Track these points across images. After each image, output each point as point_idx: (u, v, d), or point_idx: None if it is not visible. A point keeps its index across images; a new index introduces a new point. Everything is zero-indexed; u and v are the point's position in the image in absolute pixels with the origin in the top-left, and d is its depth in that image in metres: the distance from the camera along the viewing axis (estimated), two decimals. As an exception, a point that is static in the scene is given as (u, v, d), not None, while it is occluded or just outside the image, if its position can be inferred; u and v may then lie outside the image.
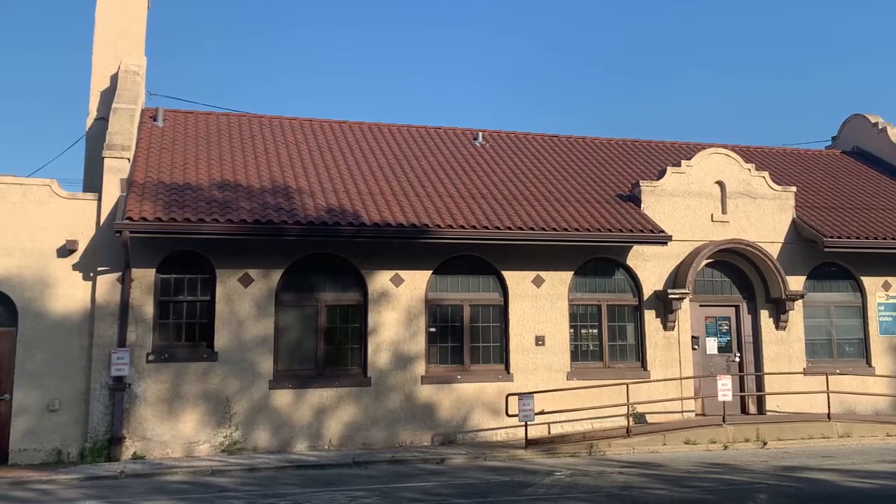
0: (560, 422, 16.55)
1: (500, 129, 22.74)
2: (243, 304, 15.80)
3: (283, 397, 15.76)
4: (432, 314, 17.00)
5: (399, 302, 16.64)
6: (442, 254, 16.95)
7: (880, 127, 25.27)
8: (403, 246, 16.51)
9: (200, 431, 15.29)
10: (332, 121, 21.37)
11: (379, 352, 16.38)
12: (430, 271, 16.95)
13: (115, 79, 18.37)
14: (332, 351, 16.37)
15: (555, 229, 16.89)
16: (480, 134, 22.06)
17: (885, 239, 19.07)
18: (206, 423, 15.33)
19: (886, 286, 19.83)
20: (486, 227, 16.49)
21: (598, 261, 18.10)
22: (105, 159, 15.86)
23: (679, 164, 19.23)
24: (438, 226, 16.23)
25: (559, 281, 17.69)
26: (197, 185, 16.41)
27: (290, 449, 15.60)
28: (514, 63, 71.40)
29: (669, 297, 17.84)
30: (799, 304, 18.92)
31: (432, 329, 16.93)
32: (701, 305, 18.76)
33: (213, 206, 15.56)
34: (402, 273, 16.73)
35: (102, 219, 15.54)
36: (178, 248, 15.65)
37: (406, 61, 72.10)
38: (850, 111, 30.18)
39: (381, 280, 16.61)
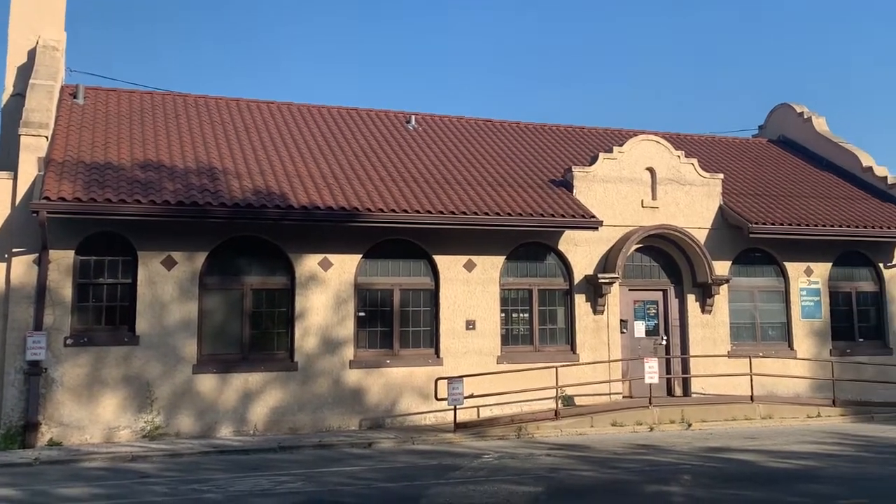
0: (490, 405, 16.75)
1: (433, 113, 22.81)
2: (166, 287, 15.60)
3: (207, 382, 15.63)
4: (362, 298, 17.03)
5: (328, 286, 16.62)
6: (372, 238, 16.97)
7: (805, 117, 26.05)
8: (333, 229, 16.48)
9: (121, 417, 15.07)
10: (259, 101, 21.16)
11: (306, 336, 16.35)
12: (360, 255, 16.96)
13: (32, 54, 17.90)
14: (259, 335, 16.29)
15: (487, 214, 17.03)
16: (413, 117, 22.09)
17: (808, 226, 19.70)
18: (126, 408, 15.11)
19: (809, 272, 20.52)
20: (418, 212, 16.55)
21: (530, 245, 18.34)
22: (21, 137, 15.45)
23: (611, 151, 19.56)
24: (369, 209, 16.23)
25: (491, 265, 17.88)
26: (119, 165, 16.12)
27: (215, 434, 15.48)
28: (452, 45, 71.53)
29: (600, 281, 18.19)
30: (724, 288, 19.47)
31: (362, 313, 16.96)
32: (630, 290, 19.18)
33: (135, 186, 15.29)
34: (331, 257, 16.71)
35: (18, 198, 15.15)
36: (99, 230, 15.36)
37: (346, 44, 71.59)
38: (778, 101, 30.96)
39: (309, 264, 16.57)
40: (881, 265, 21.30)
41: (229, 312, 16.16)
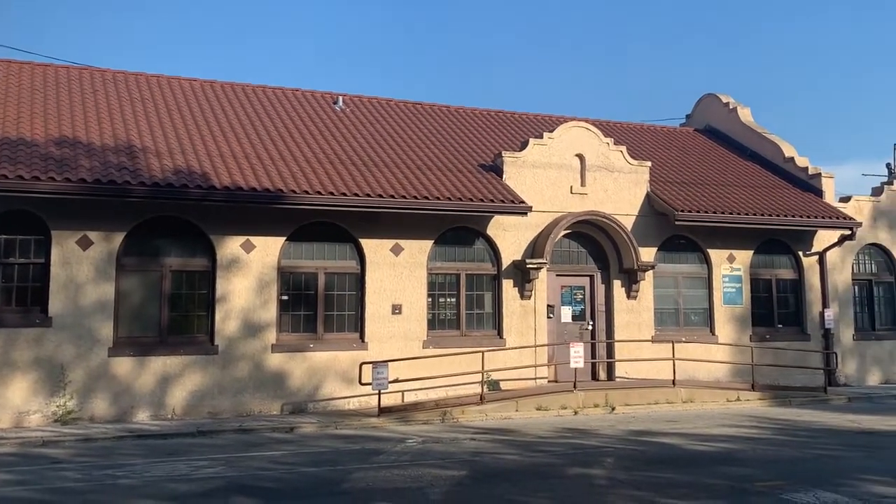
0: (414, 389, 16.78)
1: (361, 94, 22.67)
2: (81, 267, 15.20)
3: (123, 365, 15.30)
4: (285, 282, 16.86)
5: (250, 269, 16.40)
6: (297, 220, 16.79)
7: (731, 107, 26.66)
8: (256, 211, 16.25)
9: (31, 400, 14.66)
10: (181, 78, 20.74)
11: (228, 319, 16.12)
12: (284, 238, 16.78)
13: (-62, 23, 17.22)
14: (178, 318, 16.00)
15: (415, 198, 17.00)
16: (341, 98, 21.92)
17: (731, 214, 20.18)
18: (38, 392, 14.71)
19: (731, 259, 21.04)
20: (345, 194, 16.42)
21: (459, 230, 18.38)
22: (-75, 109, 14.87)
23: (541, 136, 19.70)
24: (294, 191, 16.04)
25: (418, 250, 17.87)
26: (32, 141, 15.61)
27: (131, 419, 15.18)
28: (370, 30, 71.08)
29: (527, 266, 18.35)
30: (650, 274, 19.85)
31: (285, 297, 16.80)
32: (558, 275, 19.40)
33: (49, 163, 14.84)
34: (254, 239, 16.49)
35: (-79, 174, 14.56)
36: (10, 208, 14.88)
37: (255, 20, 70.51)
38: (704, 90, 31.64)
39: (231, 246, 16.32)
40: (801, 253, 21.96)
41: (148, 294, 15.83)
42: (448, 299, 18.31)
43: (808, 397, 19.11)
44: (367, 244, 17.42)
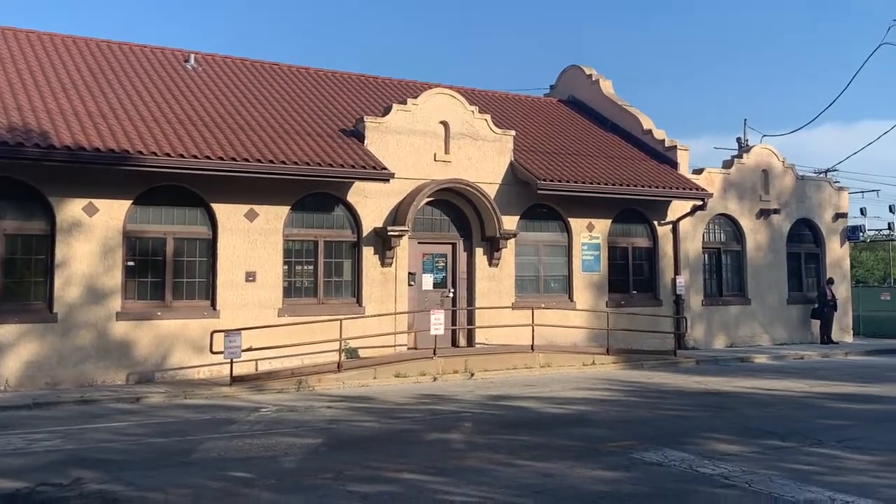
0: (269, 358, 16.53)
1: (214, 53, 21.99)
2: None
3: (-50, 336, 14.41)
4: (132, 247, 16.26)
5: (93, 233, 15.71)
6: (144, 182, 16.18)
7: (594, 79, 27.38)
8: (100, 173, 15.54)
9: None
10: (17, 29, 19.55)
11: (68, 286, 15.41)
12: (130, 201, 16.15)
13: None
14: (13, 284, 15.18)
15: (271, 161, 16.64)
16: (192, 56, 21.19)
17: (591, 184, 20.78)
18: None
19: (590, 227, 21.70)
20: (196, 157, 15.92)
21: (317, 196, 18.17)
22: None
23: (405, 102, 19.65)
24: (141, 152, 15.43)
25: (274, 215, 17.56)
26: None
27: (-41, 394, 14.35)
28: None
29: (389, 234, 18.34)
30: (512, 242, 20.23)
31: (131, 263, 16.21)
32: (419, 242, 19.49)
33: None
34: (98, 202, 15.80)
35: None
36: None
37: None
38: (568, 62, 32.38)
39: (72, 209, 15.57)
40: (655, 223, 22.89)
41: (-22, 260, 14.93)
42: (306, 267, 18.10)
43: (659, 360, 20.03)
44: (220, 209, 16.98)
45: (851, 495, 7.86)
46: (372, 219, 18.63)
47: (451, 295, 19.82)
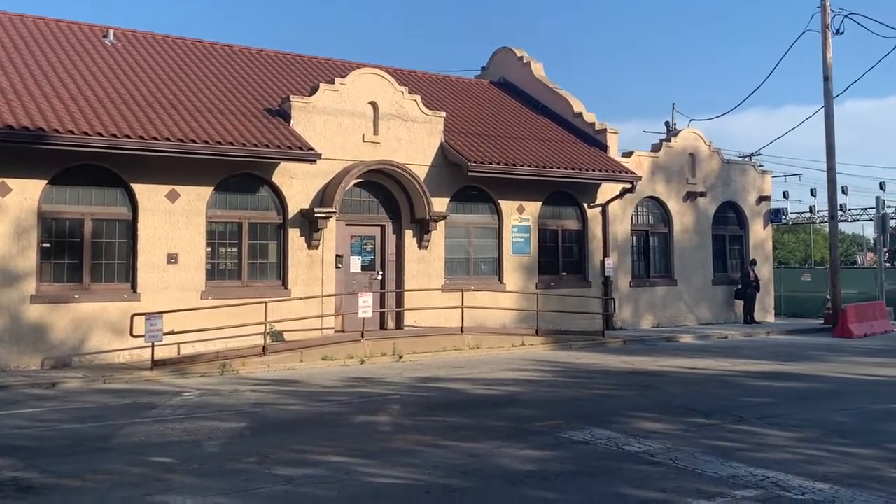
0: (192, 342, 16.25)
1: (134, 29, 21.42)
2: None
3: None
4: (47, 228, 15.80)
5: (6, 213, 15.21)
6: (61, 162, 15.72)
7: (525, 61, 27.51)
8: (13, 151, 15.02)
9: None
10: (-80, -1, 18.76)
11: (-21, 269, 14.90)
12: (46, 181, 15.69)
13: None
14: (-82, 268, 14.63)
15: (194, 141, 16.33)
16: (112, 32, 20.62)
17: (522, 166, 20.91)
18: None
19: (521, 209, 21.83)
20: (115, 136, 15.51)
21: (242, 177, 17.89)
22: None
23: (332, 82, 19.45)
24: (57, 130, 14.98)
25: (197, 196, 17.24)
26: None
27: None
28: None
29: (316, 216, 18.16)
30: (442, 224, 20.23)
31: (46, 244, 15.75)
32: (347, 224, 19.35)
33: None
34: (11, 182, 15.30)
35: None
36: None
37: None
38: (500, 44, 32.45)
39: (-17, 188, 15.04)
40: (585, 205, 23.15)
41: None
42: (230, 249, 17.84)
43: (587, 341, 20.33)
44: (140, 189, 16.60)
45: (771, 470, 8.09)
46: (298, 200, 18.42)
47: (379, 277, 19.75)
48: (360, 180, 19.29)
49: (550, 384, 14.28)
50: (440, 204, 20.22)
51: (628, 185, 23.16)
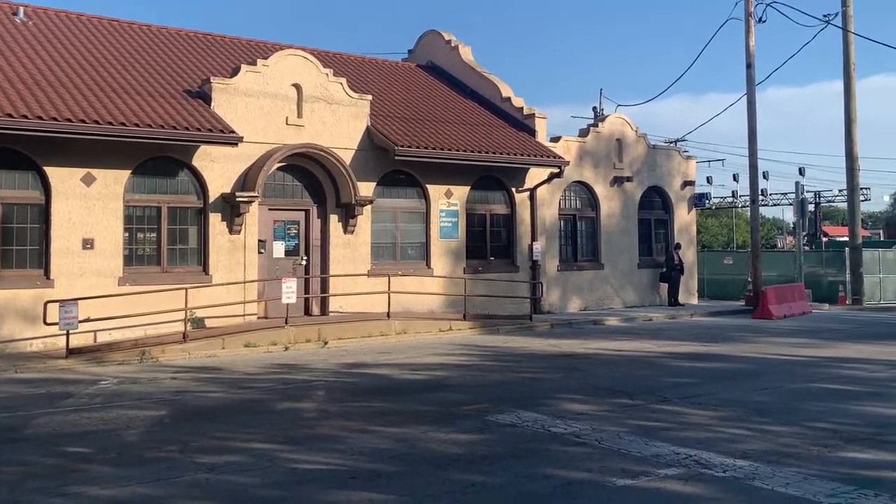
0: (109, 329, 15.87)
1: (46, 7, 20.76)
2: None
3: None
4: (-47, 213, 15.26)
5: None
6: (-33, 143, 15.18)
7: (453, 45, 27.47)
8: (-86, 132, 14.47)
9: None
10: None
11: None
12: (-49, 164, 15.14)
13: None
14: None
15: (110, 123, 15.93)
16: (21, 9, 19.93)
17: (450, 150, 20.93)
18: None
19: (449, 194, 21.87)
20: (26, 117, 15.05)
21: (161, 160, 17.52)
22: None
23: (255, 63, 19.15)
24: (-38, 111, 14.45)
25: (114, 180, 16.83)
26: None
27: None
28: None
29: (238, 200, 17.90)
30: (368, 209, 20.12)
31: (-48, 230, 15.21)
32: (270, 209, 19.12)
33: None
34: (-86, 164, 14.72)
35: None
36: None
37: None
38: (428, 27, 32.41)
39: None
40: (513, 189, 23.29)
41: None
42: (148, 234, 17.48)
43: (515, 325, 20.51)
44: (54, 173, 16.13)
45: (694, 449, 8.29)
46: (220, 184, 18.12)
47: (304, 263, 19.58)
48: (283, 164, 19.06)
49: (478, 368, 14.38)
50: (366, 188, 20.11)
51: (556, 170, 23.37)
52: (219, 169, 18.12)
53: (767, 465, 7.70)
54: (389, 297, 18.78)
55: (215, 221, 18.01)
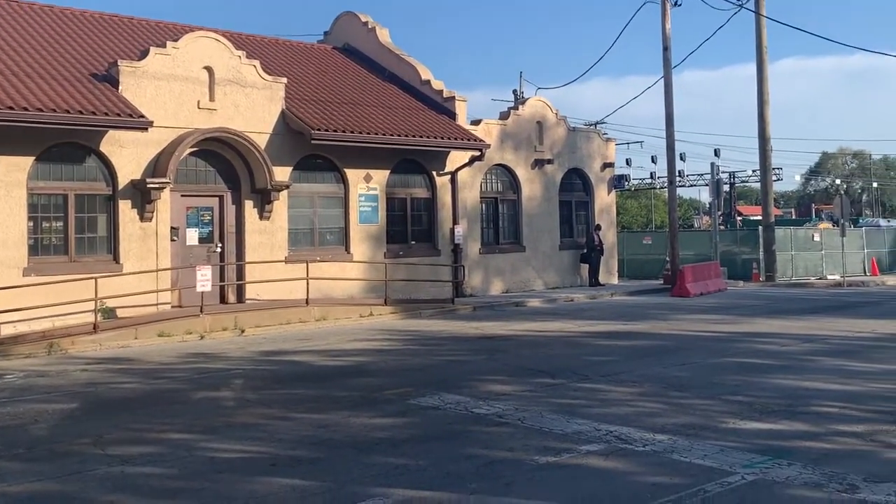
0: (14, 321, 15.33)
1: (-63, -16, 19.95)
2: None
3: None
4: None
5: None
6: None
7: (370, 26, 27.30)
8: None
9: None
10: None
11: None
12: None
13: None
14: None
15: (11, 108, 15.43)
16: (-89, -14, 19.11)
17: (368, 134, 20.82)
18: None
19: (368, 178, 21.76)
20: (-83, 100, 14.44)
21: (66, 146, 17.04)
22: None
23: (164, 46, 18.73)
24: None
25: (16, 167, 16.29)
26: None
27: None
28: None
29: (148, 186, 17.51)
30: (284, 194, 19.89)
31: None
32: (183, 195, 18.75)
33: None
34: None
35: None
36: None
37: None
38: (346, 7, 32.13)
39: None
40: (434, 173, 23.32)
41: None
42: (55, 223, 16.99)
43: (437, 309, 20.61)
44: (-49, 159, 15.53)
45: (614, 425, 8.47)
46: (129, 170, 17.69)
47: (218, 250, 19.26)
48: (196, 149, 18.71)
49: (400, 353, 14.42)
50: (282, 173, 19.87)
51: (477, 153, 23.48)
52: (128, 155, 17.69)
53: (685, 439, 7.91)
54: (308, 284, 18.64)
55: (125, 209, 17.59)
